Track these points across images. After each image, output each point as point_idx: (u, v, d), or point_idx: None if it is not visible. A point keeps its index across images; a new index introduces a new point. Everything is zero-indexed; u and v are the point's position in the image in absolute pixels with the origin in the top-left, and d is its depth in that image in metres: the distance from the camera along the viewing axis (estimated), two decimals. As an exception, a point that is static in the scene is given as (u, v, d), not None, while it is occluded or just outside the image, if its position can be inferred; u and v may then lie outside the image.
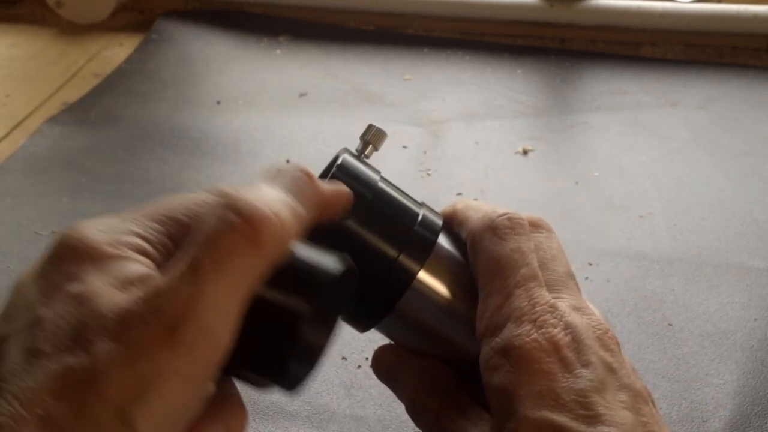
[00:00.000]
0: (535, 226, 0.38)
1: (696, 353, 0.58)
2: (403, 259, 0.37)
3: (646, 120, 0.88)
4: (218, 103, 0.92)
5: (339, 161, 0.37)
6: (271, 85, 0.96)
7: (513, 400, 0.32)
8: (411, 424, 0.53)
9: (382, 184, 0.38)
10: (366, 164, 0.38)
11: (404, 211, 0.38)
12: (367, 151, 0.39)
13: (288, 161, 0.81)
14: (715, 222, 0.72)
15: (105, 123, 0.88)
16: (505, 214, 0.37)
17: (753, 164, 0.80)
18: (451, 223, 0.39)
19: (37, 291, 0.28)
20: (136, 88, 0.95)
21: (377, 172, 0.38)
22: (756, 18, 0.99)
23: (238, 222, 0.27)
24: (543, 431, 0.31)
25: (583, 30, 1.04)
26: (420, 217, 0.38)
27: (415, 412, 0.38)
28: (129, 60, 1.01)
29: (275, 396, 0.55)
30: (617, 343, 0.35)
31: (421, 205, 0.39)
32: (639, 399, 0.33)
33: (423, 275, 0.37)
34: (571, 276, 0.37)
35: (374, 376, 0.56)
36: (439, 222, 0.39)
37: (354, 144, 0.40)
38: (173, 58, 1.02)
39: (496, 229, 0.37)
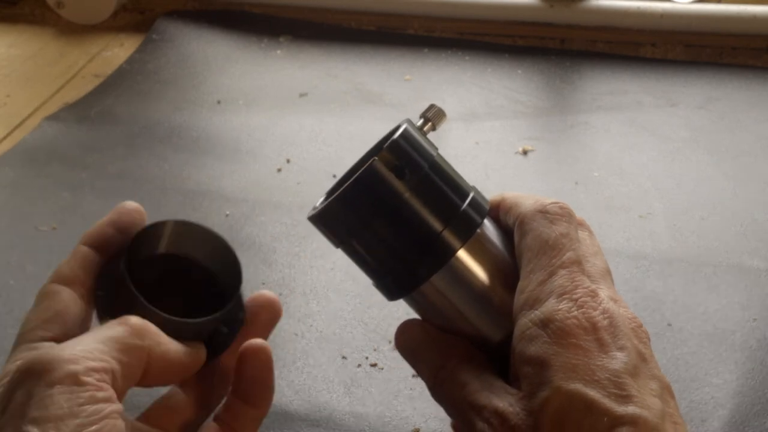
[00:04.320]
0: (581, 224, 0.40)
1: (695, 353, 0.58)
2: (447, 234, 0.38)
3: (646, 120, 0.88)
4: (218, 102, 0.93)
5: (401, 129, 0.38)
6: (272, 85, 0.96)
7: (547, 371, 0.33)
8: (411, 420, 0.53)
9: (438, 159, 0.39)
10: (425, 138, 0.39)
11: (456, 188, 0.39)
12: (425, 128, 0.40)
13: (288, 161, 0.81)
14: (715, 222, 0.72)
15: (105, 121, 0.89)
16: (557, 202, 0.39)
17: (753, 164, 0.80)
18: (498, 211, 0.41)
19: None
20: (137, 88, 0.95)
21: (435, 147, 0.39)
22: (756, 18, 0.99)
23: None
24: (574, 403, 0.32)
25: (583, 30, 1.04)
26: (470, 198, 0.39)
27: (437, 384, 0.38)
28: (130, 60, 1.01)
29: (275, 396, 0.55)
30: (648, 338, 0.37)
31: (472, 187, 0.40)
32: (666, 391, 0.35)
33: (462, 254, 0.38)
34: (609, 273, 0.39)
35: (374, 375, 0.56)
36: (487, 206, 0.40)
37: (354, 144, 0.41)
38: (174, 58, 1.02)
39: (548, 213, 0.38)
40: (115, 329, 0.34)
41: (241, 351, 0.40)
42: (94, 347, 0.32)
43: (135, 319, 0.35)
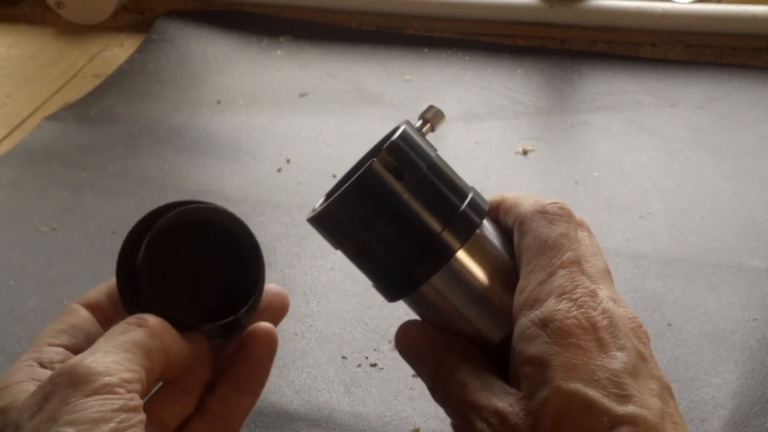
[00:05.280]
0: (580, 224, 0.40)
1: (695, 353, 0.58)
2: (446, 235, 0.38)
3: (646, 120, 0.88)
4: (218, 102, 0.93)
5: (400, 131, 0.38)
6: (272, 85, 0.96)
7: (547, 370, 0.33)
8: (411, 420, 0.53)
9: (437, 160, 0.39)
10: (424, 139, 0.39)
11: (455, 189, 0.39)
12: (424, 129, 0.40)
13: (288, 161, 0.81)
14: (715, 222, 0.72)
15: (105, 121, 0.89)
16: (556, 202, 0.39)
17: (753, 164, 0.80)
18: (497, 211, 0.41)
19: None
20: (137, 88, 0.95)
21: (433, 148, 0.39)
22: (756, 18, 0.99)
23: None
24: (574, 403, 0.32)
25: (583, 30, 1.03)
26: (468, 198, 0.39)
27: (437, 384, 0.38)
28: (130, 60, 1.01)
29: (275, 396, 0.55)
30: (648, 338, 0.37)
31: (471, 188, 0.40)
32: (666, 391, 0.35)
33: (462, 254, 0.38)
34: (608, 273, 0.39)
35: (374, 375, 0.56)
36: (486, 207, 0.40)
37: (354, 144, 0.41)
38: (174, 58, 1.02)
39: (547, 213, 0.38)
40: (137, 333, 0.35)
41: (247, 334, 0.40)
42: (123, 357, 0.33)
43: (153, 321, 0.35)
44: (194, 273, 0.39)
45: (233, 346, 0.40)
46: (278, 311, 0.41)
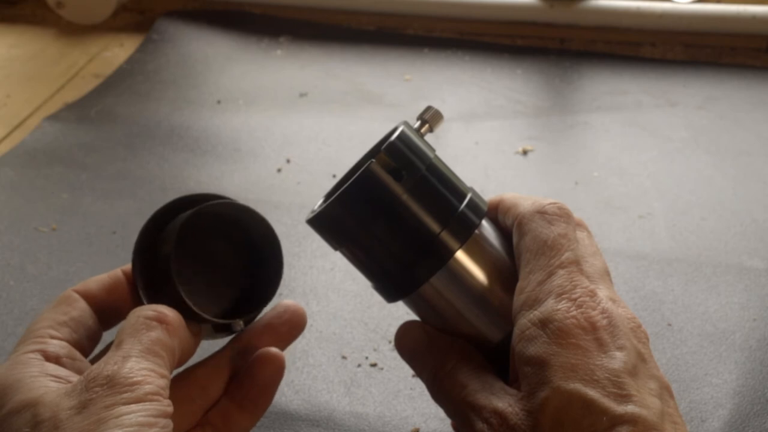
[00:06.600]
0: (579, 224, 0.40)
1: (695, 353, 0.58)
2: (445, 235, 0.38)
3: (646, 120, 0.88)
4: (218, 102, 0.93)
5: (398, 132, 0.38)
6: (272, 85, 0.96)
7: (547, 371, 0.33)
8: (411, 420, 0.53)
9: (435, 161, 0.39)
10: (422, 140, 0.39)
11: (453, 189, 0.39)
12: (422, 130, 0.40)
13: (288, 161, 0.81)
14: (714, 222, 0.72)
15: (105, 121, 0.89)
16: (555, 202, 0.39)
17: (753, 164, 0.80)
18: (496, 211, 0.41)
19: None
20: (137, 88, 0.95)
21: (432, 149, 0.39)
22: (755, 18, 0.99)
23: None
24: (574, 403, 0.32)
25: (583, 30, 1.04)
26: (467, 199, 0.39)
27: (436, 384, 0.39)
28: (130, 60, 1.01)
29: (275, 396, 0.55)
30: (647, 338, 0.37)
31: (470, 188, 0.40)
32: (665, 391, 0.35)
33: (461, 255, 0.38)
34: (608, 273, 0.39)
35: (374, 375, 0.56)
36: (485, 207, 0.40)
37: (354, 144, 0.41)
38: (174, 58, 1.02)
39: (546, 213, 0.38)
40: (159, 332, 0.35)
41: (257, 356, 0.40)
42: (154, 363, 0.34)
43: (172, 317, 0.36)
44: (214, 267, 0.40)
45: (242, 365, 0.41)
46: (296, 328, 0.43)
